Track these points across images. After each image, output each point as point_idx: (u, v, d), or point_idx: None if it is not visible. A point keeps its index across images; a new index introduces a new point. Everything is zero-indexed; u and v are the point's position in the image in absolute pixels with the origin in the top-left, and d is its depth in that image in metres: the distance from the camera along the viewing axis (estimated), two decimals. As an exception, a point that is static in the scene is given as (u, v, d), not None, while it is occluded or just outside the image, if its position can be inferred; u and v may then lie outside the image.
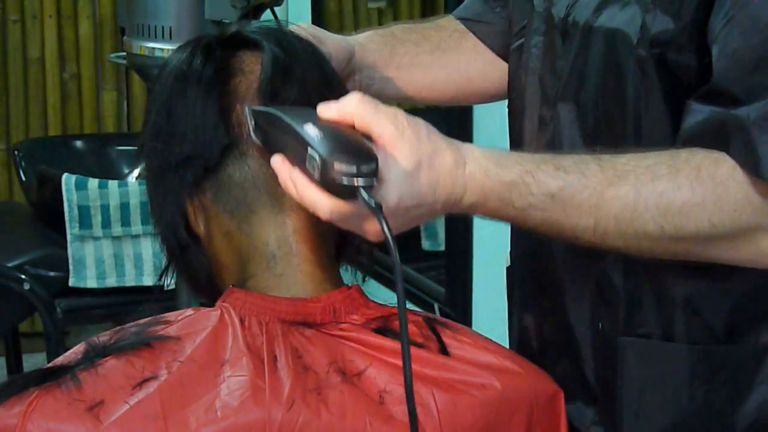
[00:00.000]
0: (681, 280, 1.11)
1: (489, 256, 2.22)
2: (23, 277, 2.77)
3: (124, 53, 2.65)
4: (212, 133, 1.10)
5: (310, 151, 0.97)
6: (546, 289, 1.22)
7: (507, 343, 1.23)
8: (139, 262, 2.84)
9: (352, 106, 1.00)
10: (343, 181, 0.96)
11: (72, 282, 2.80)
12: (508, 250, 1.34)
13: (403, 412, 1.04)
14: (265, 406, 1.01)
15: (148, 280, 2.81)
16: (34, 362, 3.30)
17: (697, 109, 1.03)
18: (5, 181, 3.90)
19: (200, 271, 1.17)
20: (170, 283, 1.20)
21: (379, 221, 0.97)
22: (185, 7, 2.48)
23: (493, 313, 2.19)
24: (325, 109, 1.01)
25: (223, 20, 2.39)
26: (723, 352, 1.12)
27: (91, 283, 2.81)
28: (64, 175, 2.80)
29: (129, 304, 2.87)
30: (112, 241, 2.81)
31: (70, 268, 2.79)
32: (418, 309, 1.76)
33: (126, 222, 2.82)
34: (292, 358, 1.05)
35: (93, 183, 2.79)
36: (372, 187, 0.97)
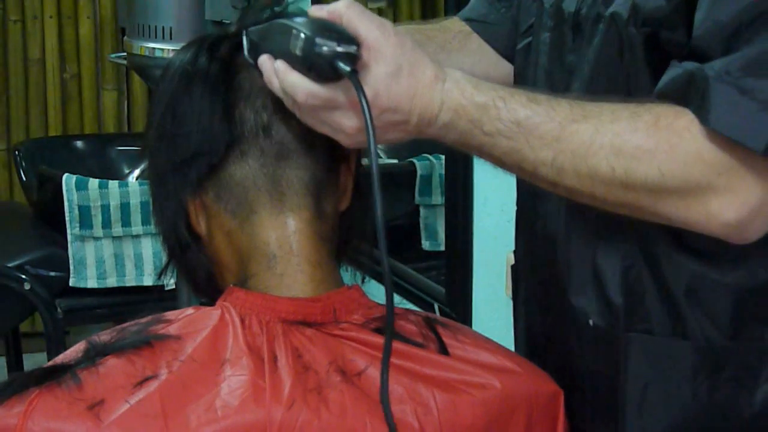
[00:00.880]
0: (681, 272, 1.11)
1: (489, 256, 2.22)
2: (24, 277, 2.76)
3: (125, 53, 2.65)
4: (219, 128, 1.11)
5: (294, 32, 1.02)
6: (549, 285, 1.22)
7: (507, 343, 1.23)
8: (140, 262, 2.83)
9: (342, 7, 1.04)
10: (323, 50, 1.00)
11: (72, 282, 2.79)
12: (512, 250, 1.34)
13: (403, 411, 1.04)
14: (266, 405, 1.01)
15: (149, 280, 2.80)
16: (34, 362, 3.29)
17: (673, 65, 1.04)
18: (5, 181, 3.90)
19: (201, 271, 1.17)
20: (170, 283, 1.21)
21: (355, 86, 1.00)
22: (185, 8, 2.49)
23: (493, 313, 2.19)
24: (316, 9, 1.05)
25: (223, 20, 2.39)
26: (728, 349, 1.12)
27: (92, 283, 2.81)
28: (65, 175, 2.79)
29: (129, 304, 2.87)
30: (112, 241, 2.81)
31: (71, 268, 2.79)
32: (418, 309, 1.76)
33: (126, 222, 2.81)
34: (293, 358, 1.05)
35: (93, 183, 2.79)
36: (353, 70, 1.00)
